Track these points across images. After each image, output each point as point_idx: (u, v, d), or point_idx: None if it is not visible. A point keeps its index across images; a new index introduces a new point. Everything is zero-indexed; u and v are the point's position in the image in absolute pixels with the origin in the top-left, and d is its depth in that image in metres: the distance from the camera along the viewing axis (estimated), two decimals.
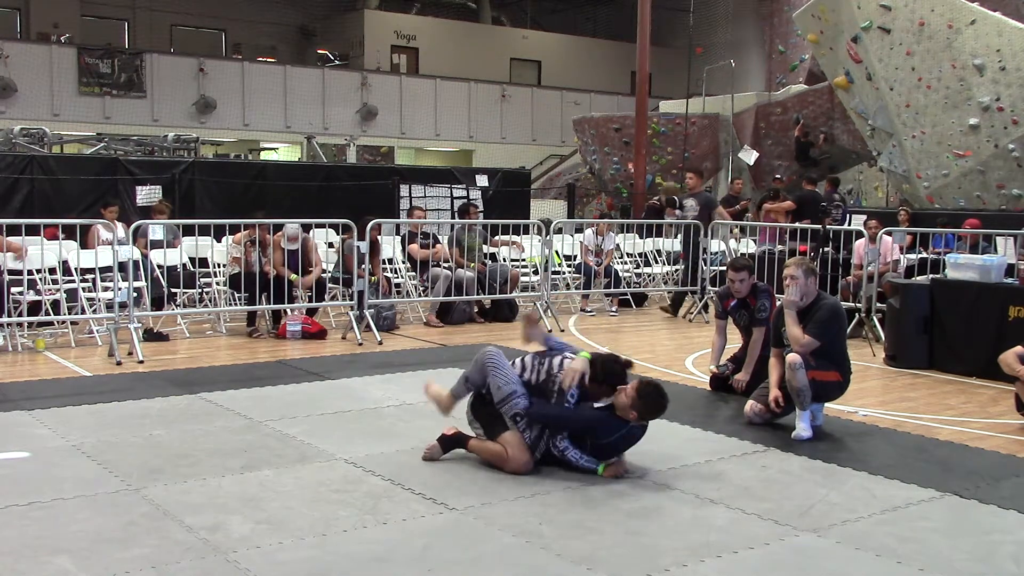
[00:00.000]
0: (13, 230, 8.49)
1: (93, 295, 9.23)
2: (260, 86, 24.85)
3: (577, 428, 4.94)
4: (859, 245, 10.25)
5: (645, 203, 15.69)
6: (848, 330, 7.26)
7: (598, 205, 18.86)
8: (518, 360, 5.18)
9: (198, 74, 24.14)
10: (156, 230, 9.72)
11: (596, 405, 4.95)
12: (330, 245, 11.25)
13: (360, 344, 9.05)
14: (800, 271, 5.96)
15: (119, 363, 7.85)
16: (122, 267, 8.33)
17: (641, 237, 13.39)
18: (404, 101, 27.17)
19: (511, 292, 11.06)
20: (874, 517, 4.39)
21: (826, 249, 10.25)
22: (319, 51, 29.66)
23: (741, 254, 12.35)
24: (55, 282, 8.93)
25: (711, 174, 19.33)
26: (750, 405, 6.13)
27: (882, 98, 13.78)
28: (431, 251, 10.78)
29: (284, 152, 27.03)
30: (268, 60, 27.33)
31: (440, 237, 11.31)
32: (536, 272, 11.54)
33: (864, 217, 11.71)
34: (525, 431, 4.91)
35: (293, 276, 9.65)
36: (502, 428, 4.96)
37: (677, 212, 12.67)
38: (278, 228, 9.82)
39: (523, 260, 11.89)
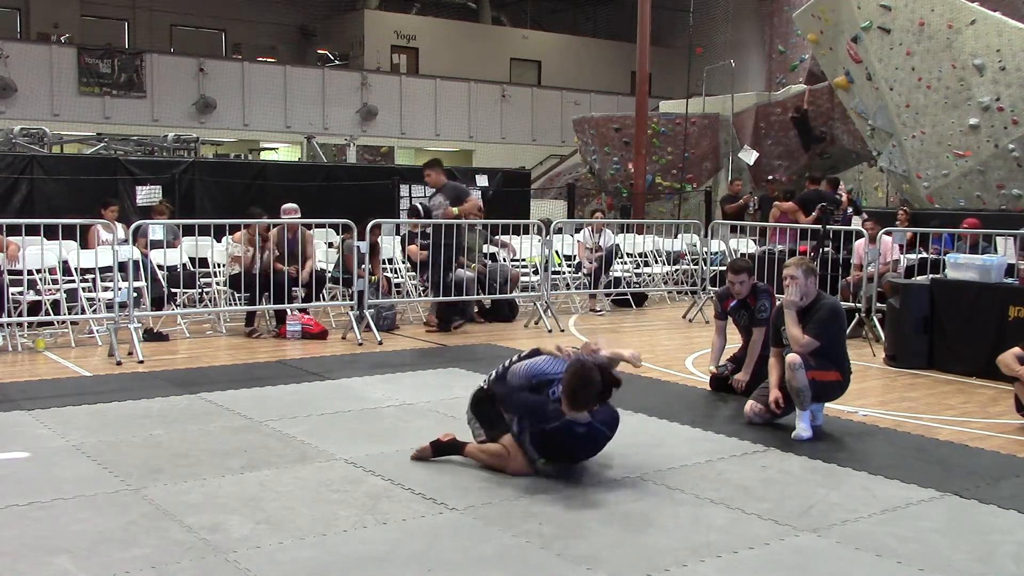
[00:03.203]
0: (13, 230, 8.49)
1: (93, 295, 9.23)
2: (260, 86, 24.85)
3: (518, 408, 4.80)
4: (859, 245, 10.25)
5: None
6: (848, 330, 7.26)
7: (597, 204, 18.83)
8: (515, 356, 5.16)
9: (198, 74, 24.13)
10: (156, 230, 9.73)
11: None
12: (330, 245, 11.26)
13: (360, 344, 9.05)
14: (800, 271, 5.96)
15: (119, 363, 7.85)
16: (122, 267, 8.33)
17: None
18: (404, 101, 27.16)
19: (511, 292, 11.06)
20: (874, 517, 4.39)
21: (826, 249, 10.25)
22: (319, 51, 29.65)
23: (741, 255, 12.35)
24: (55, 282, 8.93)
25: (711, 174, 19.34)
26: (750, 405, 6.13)
27: (882, 98, 13.78)
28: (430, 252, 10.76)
29: (284, 152, 27.03)
30: (268, 60, 27.31)
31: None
32: (536, 272, 11.54)
33: (864, 217, 11.72)
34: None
35: (280, 267, 9.65)
36: (504, 429, 4.94)
37: (435, 213, 10.22)
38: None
39: (523, 260, 11.91)
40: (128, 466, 4.92)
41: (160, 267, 9.72)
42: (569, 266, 12.58)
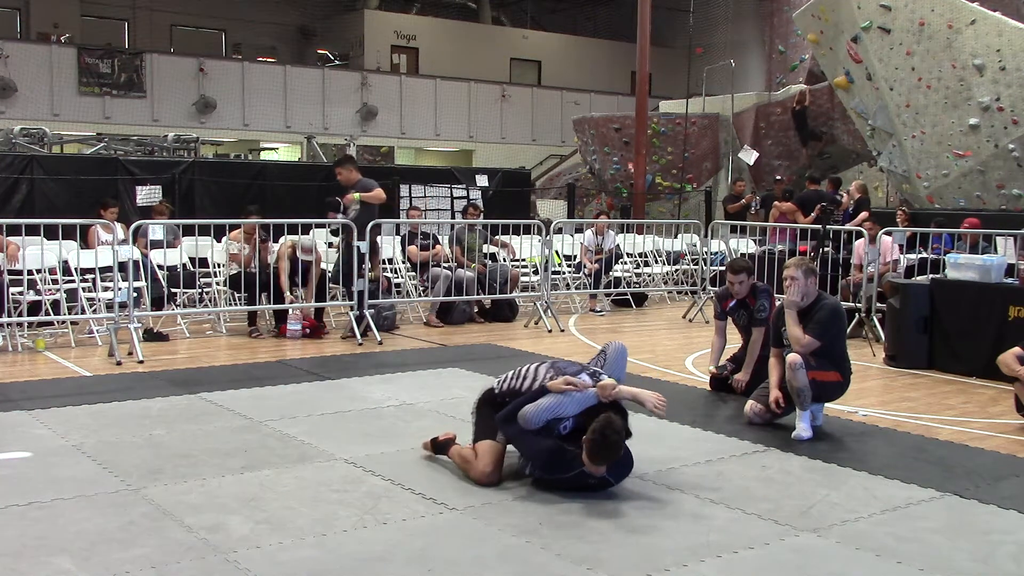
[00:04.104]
0: (13, 230, 8.49)
1: (93, 295, 9.23)
2: (260, 86, 24.83)
3: (531, 453, 4.67)
4: (859, 245, 10.25)
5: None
6: (848, 330, 7.26)
7: (598, 205, 18.82)
8: (532, 368, 4.93)
9: (198, 74, 24.12)
10: (156, 230, 9.73)
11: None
12: (330, 245, 11.27)
13: (360, 344, 9.05)
14: (800, 272, 5.96)
15: (119, 363, 7.85)
16: (122, 267, 8.33)
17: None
18: (404, 101, 27.15)
19: (511, 292, 11.06)
20: (874, 517, 4.39)
21: (826, 249, 10.25)
22: (319, 51, 29.64)
23: (740, 254, 12.35)
24: (55, 282, 8.93)
25: (711, 174, 19.34)
26: (750, 405, 6.13)
27: (882, 98, 13.78)
28: (431, 252, 10.78)
29: (284, 152, 27.01)
30: (268, 60, 27.31)
31: (440, 237, 11.32)
32: (536, 272, 11.54)
33: (864, 215, 11.70)
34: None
35: (289, 296, 9.61)
36: (485, 437, 4.87)
37: (339, 216, 9.61)
38: (277, 228, 9.83)
39: (523, 260, 11.91)
40: (128, 466, 4.92)
41: (160, 267, 9.72)
42: (569, 266, 12.59)
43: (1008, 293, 7.96)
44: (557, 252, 12.15)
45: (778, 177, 16.39)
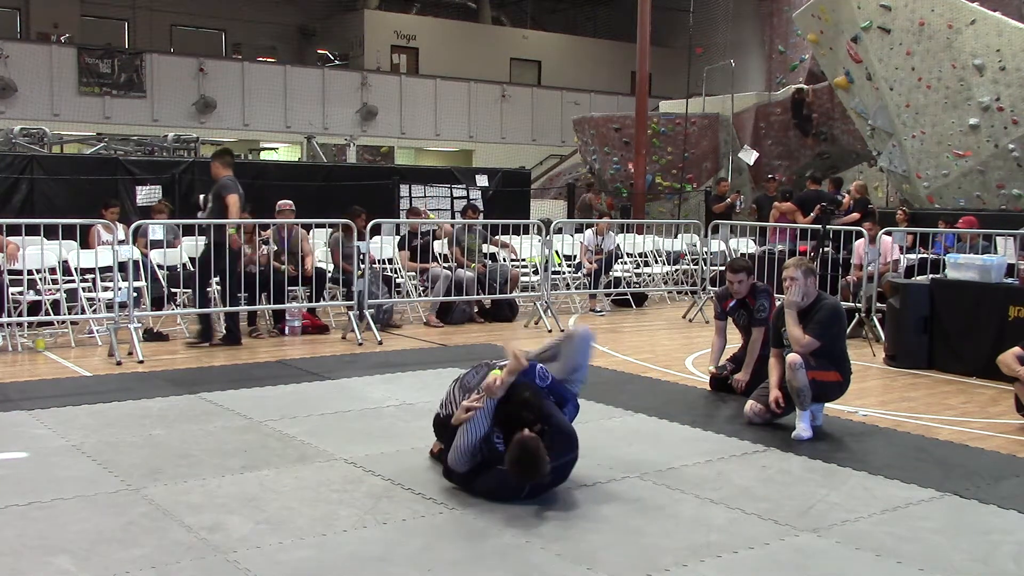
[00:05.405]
0: (13, 230, 8.49)
1: (93, 295, 9.23)
2: (260, 86, 24.85)
3: (485, 494, 4.53)
4: (859, 245, 10.25)
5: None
6: (848, 330, 7.26)
7: (598, 205, 18.83)
8: (452, 392, 4.89)
9: (198, 74, 24.13)
10: (156, 230, 9.72)
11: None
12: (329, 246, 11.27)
13: (360, 344, 9.05)
14: (799, 272, 5.96)
15: (119, 363, 7.85)
16: (122, 267, 8.33)
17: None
18: (404, 101, 27.16)
19: (511, 292, 11.06)
20: (874, 517, 4.39)
21: (826, 249, 10.24)
22: (319, 51, 29.66)
23: (740, 254, 12.35)
24: (55, 282, 8.93)
25: (711, 174, 19.34)
26: (750, 405, 6.13)
27: (882, 98, 13.78)
28: (428, 256, 10.76)
29: (284, 152, 27.02)
30: (268, 60, 27.33)
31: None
32: (536, 272, 11.54)
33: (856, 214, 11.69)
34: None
35: (282, 267, 9.61)
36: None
37: (201, 215, 9.37)
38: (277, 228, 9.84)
39: (523, 260, 11.91)
40: (128, 466, 4.91)
41: (160, 267, 9.72)
42: (569, 266, 12.58)
43: (1008, 293, 7.96)
44: (557, 252, 12.15)
45: (770, 176, 16.39)
